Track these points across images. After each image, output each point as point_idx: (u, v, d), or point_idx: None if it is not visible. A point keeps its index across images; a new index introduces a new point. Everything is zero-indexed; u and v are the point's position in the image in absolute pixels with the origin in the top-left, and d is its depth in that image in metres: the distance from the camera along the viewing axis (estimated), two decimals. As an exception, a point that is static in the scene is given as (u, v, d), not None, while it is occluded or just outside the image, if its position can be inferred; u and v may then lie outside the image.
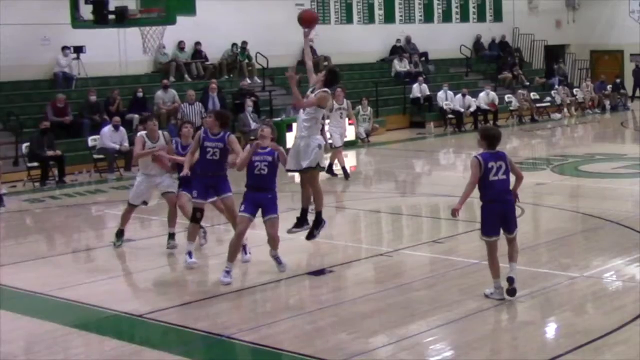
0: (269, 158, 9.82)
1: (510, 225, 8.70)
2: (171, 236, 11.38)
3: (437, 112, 27.00)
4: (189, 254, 10.54)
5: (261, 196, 9.83)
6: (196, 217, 10.58)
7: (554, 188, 15.88)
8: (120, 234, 11.71)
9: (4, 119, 19.99)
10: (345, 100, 17.48)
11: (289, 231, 10.62)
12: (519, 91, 29.07)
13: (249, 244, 10.64)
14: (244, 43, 25.23)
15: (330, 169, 17.13)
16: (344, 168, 17.27)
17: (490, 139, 8.70)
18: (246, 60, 25.27)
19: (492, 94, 27.35)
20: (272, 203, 9.87)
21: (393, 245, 11.75)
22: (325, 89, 10.19)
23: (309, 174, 10.28)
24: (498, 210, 8.60)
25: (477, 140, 8.87)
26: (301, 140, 10.22)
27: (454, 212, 8.73)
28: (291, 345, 7.76)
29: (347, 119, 18.17)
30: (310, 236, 10.58)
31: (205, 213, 11.51)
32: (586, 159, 19.58)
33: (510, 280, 8.63)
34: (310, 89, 10.42)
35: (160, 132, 11.54)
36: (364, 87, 26.68)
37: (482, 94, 27.01)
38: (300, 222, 10.58)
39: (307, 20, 10.75)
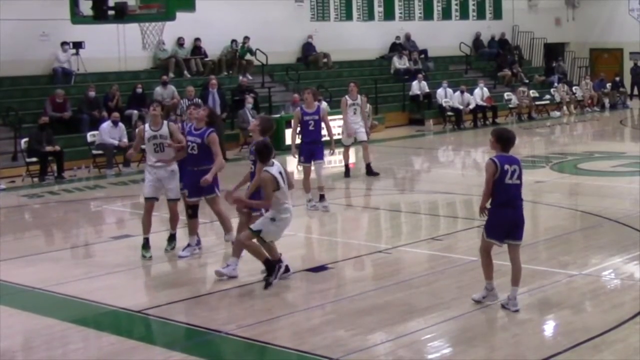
0: (252, 157, 9.73)
1: (518, 231, 8.47)
2: (172, 237, 11.21)
3: (436, 110, 26.98)
4: (186, 247, 10.98)
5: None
6: (189, 214, 10.94)
7: (553, 186, 15.87)
8: (146, 244, 10.95)
9: (3, 114, 19.95)
10: (359, 95, 17.21)
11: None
12: (519, 89, 29.02)
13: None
14: (246, 38, 25.18)
15: (368, 168, 17.09)
16: (346, 166, 17.22)
17: (505, 141, 8.38)
18: (247, 55, 25.24)
19: (485, 89, 27.35)
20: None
21: (392, 242, 11.74)
22: (264, 169, 9.28)
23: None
24: (509, 217, 8.38)
25: (490, 142, 8.51)
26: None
27: (482, 211, 8.40)
28: (290, 341, 7.77)
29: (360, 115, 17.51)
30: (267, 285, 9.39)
31: (205, 211, 11.49)
32: (585, 157, 19.57)
33: (515, 312, 8.32)
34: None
35: (165, 122, 11.06)
36: (363, 84, 26.51)
37: (476, 90, 27.02)
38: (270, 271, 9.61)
39: None
